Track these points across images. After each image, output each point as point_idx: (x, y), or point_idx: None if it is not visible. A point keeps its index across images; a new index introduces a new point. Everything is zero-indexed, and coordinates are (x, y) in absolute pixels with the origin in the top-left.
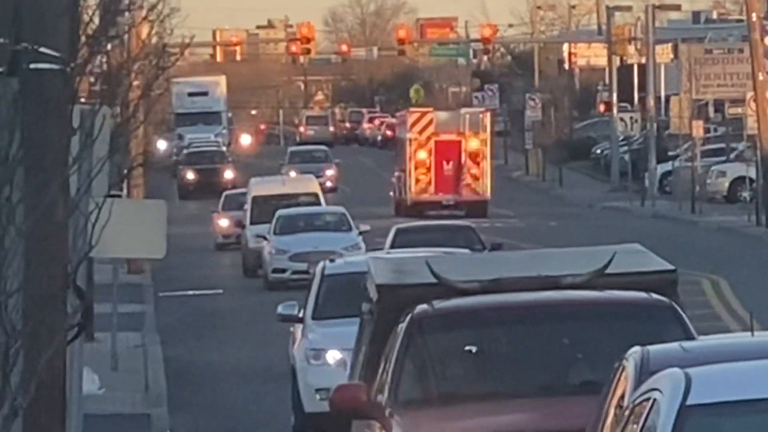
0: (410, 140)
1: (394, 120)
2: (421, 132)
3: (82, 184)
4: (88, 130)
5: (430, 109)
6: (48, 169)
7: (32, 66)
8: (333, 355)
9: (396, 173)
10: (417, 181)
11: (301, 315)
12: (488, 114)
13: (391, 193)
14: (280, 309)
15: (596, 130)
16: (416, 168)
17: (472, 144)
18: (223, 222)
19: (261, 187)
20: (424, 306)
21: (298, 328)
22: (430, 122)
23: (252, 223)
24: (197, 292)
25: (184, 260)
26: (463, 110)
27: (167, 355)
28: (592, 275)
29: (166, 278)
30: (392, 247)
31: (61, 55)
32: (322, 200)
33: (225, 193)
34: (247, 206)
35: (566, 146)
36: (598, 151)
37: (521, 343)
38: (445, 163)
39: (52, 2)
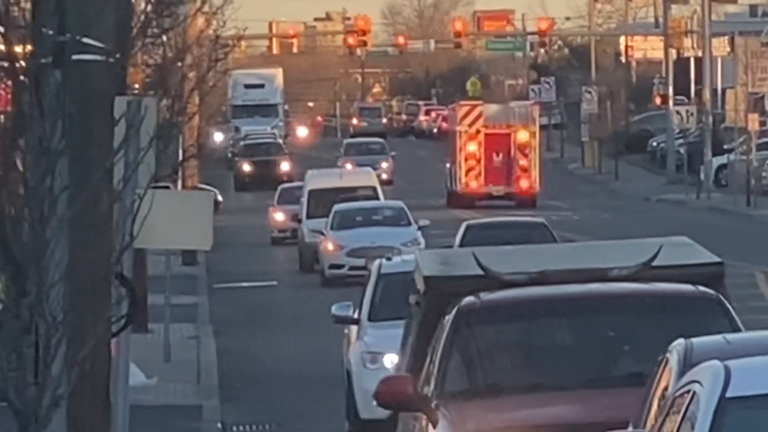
0: (460, 132)
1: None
2: (471, 124)
3: (126, 174)
4: (131, 121)
5: (480, 102)
6: (91, 160)
7: (76, 57)
8: (390, 359)
9: (447, 165)
10: (467, 172)
11: (356, 316)
12: (536, 107)
13: (445, 184)
14: (334, 310)
15: (652, 123)
16: (466, 160)
17: (521, 136)
18: (279, 216)
19: (318, 180)
20: (471, 298)
21: (354, 330)
22: (480, 115)
23: (308, 217)
24: (251, 284)
25: (239, 252)
26: (512, 103)
27: (220, 346)
28: (638, 268)
29: (220, 270)
30: (462, 245)
31: (105, 46)
32: (381, 194)
33: (281, 187)
34: (304, 200)
35: (622, 139)
36: (654, 144)
37: (567, 335)
38: (494, 154)
39: None
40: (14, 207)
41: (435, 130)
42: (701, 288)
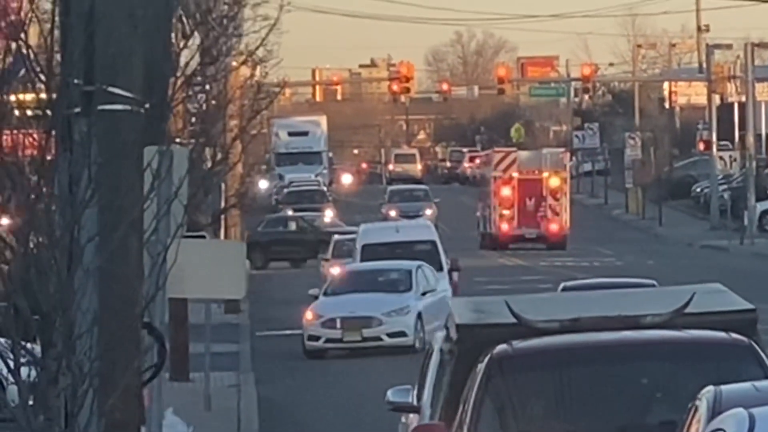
0: (495, 178)
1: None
2: (505, 170)
3: (154, 224)
4: (159, 170)
5: (514, 148)
6: (119, 209)
7: (103, 107)
8: None
9: (480, 208)
10: (501, 216)
11: (417, 403)
12: (567, 153)
13: (478, 228)
14: (390, 395)
15: (696, 169)
16: (501, 204)
17: (553, 181)
18: (335, 271)
19: (372, 234)
20: (504, 346)
21: (414, 419)
22: (514, 161)
23: None
24: (294, 332)
25: (283, 300)
26: (544, 150)
27: (262, 395)
28: (671, 315)
29: (264, 318)
30: None
31: (133, 95)
32: (441, 248)
33: (335, 239)
34: (356, 255)
35: (666, 185)
36: (698, 190)
37: (600, 383)
38: (527, 199)
39: (125, 42)
40: (41, 256)
41: (479, 177)
42: (734, 335)
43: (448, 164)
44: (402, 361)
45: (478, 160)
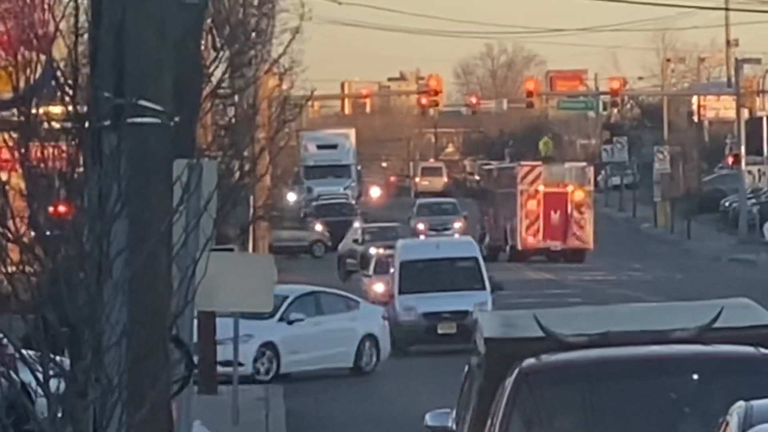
0: (521, 191)
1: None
2: (530, 184)
3: (183, 237)
4: (188, 183)
5: (539, 162)
6: (148, 222)
7: (132, 120)
8: None
9: (503, 222)
10: (527, 228)
11: (457, 428)
12: (591, 168)
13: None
14: (428, 419)
15: (725, 183)
16: (526, 217)
17: (577, 195)
18: (379, 287)
19: (411, 250)
20: (532, 360)
21: None
22: (539, 175)
23: (401, 292)
24: None
25: None
26: (568, 164)
27: (289, 408)
28: (699, 330)
29: None
30: None
31: (162, 108)
32: (483, 265)
33: (376, 254)
34: (395, 272)
35: (695, 199)
36: (727, 204)
37: (629, 398)
38: (552, 212)
39: (154, 55)
40: (70, 269)
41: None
42: (762, 350)
43: (477, 178)
44: (424, 371)
45: (494, 173)
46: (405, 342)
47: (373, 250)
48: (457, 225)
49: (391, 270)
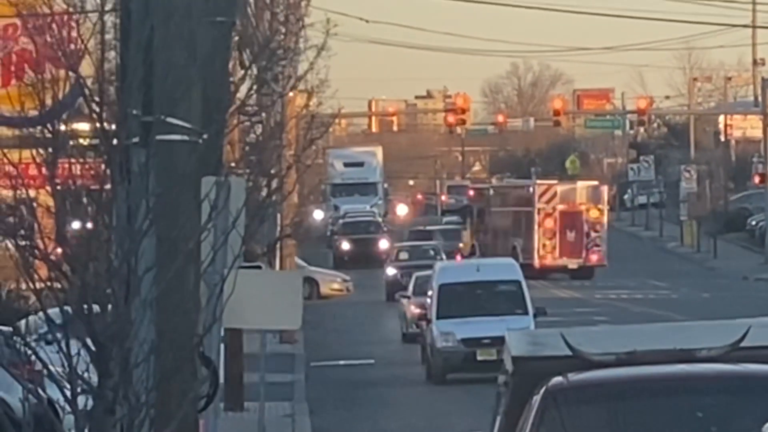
0: (538, 210)
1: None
2: (547, 202)
3: (211, 254)
4: (217, 200)
5: (555, 182)
6: (177, 239)
7: (161, 137)
8: None
9: (517, 240)
10: (544, 246)
11: None
12: (605, 187)
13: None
14: None
15: (751, 202)
16: (543, 235)
17: (592, 214)
18: (418, 309)
19: (450, 273)
20: (559, 378)
21: None
22: (556, 194)
23: (439, 317)
24: (349, 362)
25: (337, 331)
26: (581, 183)
27: (315, 425)
28: (726, 349)
29: (318, 348)
30: None
31: (191, 125)
32: (526, 289)
33: (415, 276)
34: (433, 296)
35: (721, 218)
36: (753, 223)
37: (656, 417)
38: (568, 231)
39: (183, 72)
40: (98, 286)
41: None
42: None
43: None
44: (454, 392)
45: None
46: (442, 369)
47: (417, 274)
48: None
49: (430, 292)
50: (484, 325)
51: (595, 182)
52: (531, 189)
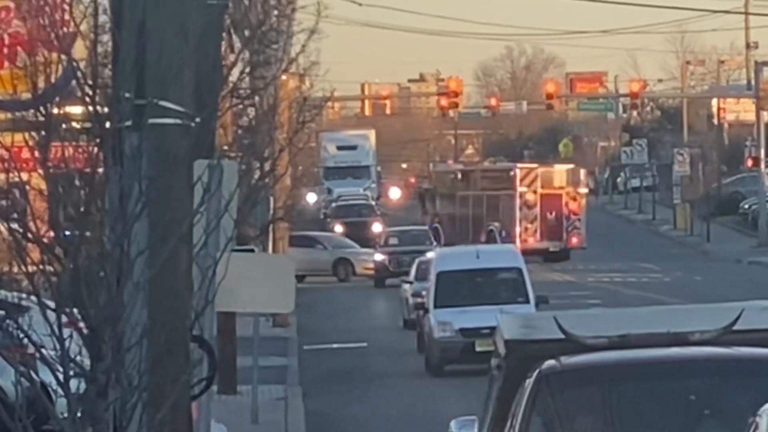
0: (521, 193)
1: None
2: (529, 186)
3: (204, 238)
4: (209, 183)
5: (536, 165)
6: (169, 223)
7: (153, 120)
8: None
9: (494, 224)
10: (526, 229)
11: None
12: (584, 170)
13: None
14: (453, 427)
15: (744, 185)
16: (525, 218)
17: (572, 197)
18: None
19: (449, 260)
20: (552, 361)
21: None
22: (537, 177)
23: (437, 306)
24: (342, 346)
25: (329, 314)
26: (559, 167)
27: (309, 408)
28: (719, 332)
29: (311, 331)
30: None
31: (184, 109)
32: (527, 277)
33: (418, 261)
34: (431, 285)
35: (714, 201)
36: (746, 206)
37: (649, 400)
38: (548, 214)
39: (176, 55)
40: (91, 270)
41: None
42: None
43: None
44: (451, 376)
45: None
46: (439, 360)
47: (419, 259)
48: None
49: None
50: (483, 314)
51: (570, 165)
52: (512, 172)
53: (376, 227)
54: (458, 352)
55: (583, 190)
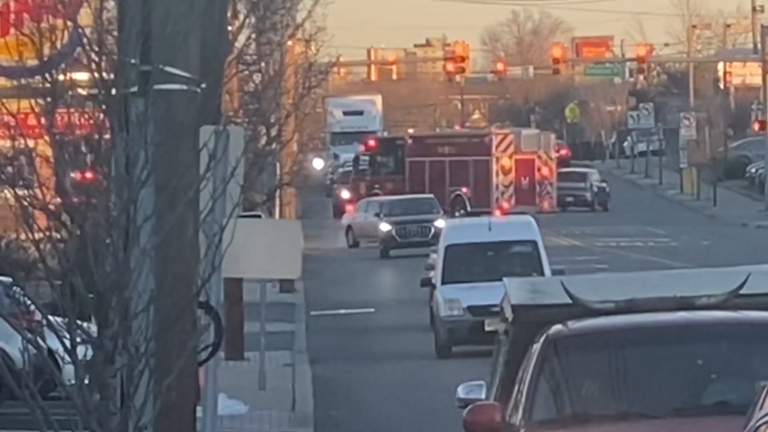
0: (497, 159)
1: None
2: (504, 151)
3: (210, 204)
4: (216, 150)
5: (509, 131)
6: (176, 189)
7: (159, 87)
8: None
9: (465, 189)
10: (502, 194)
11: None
12: (553, 135)
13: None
14: (460, 392)
15: (751, 149)
16: (501, 183)
17: (543, 162)
18: None
19: (458, 232)
20: (559, 326)
21: None
22: (511, 143)
23: (444, 282)
24: (349, 311)
25: (336, 279)
26: (524, 131)
27: (316, 374)
28: (726, 296)
29: (318, 297)
30: None
31: (189, 75)
32: (543, 251)
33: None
34: (439, 258)
35: (721, 165)
36: (753, 170)
37: (656, 364)
38: (522, 178)
39: (181, 21)
40: (97, 236)
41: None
42: None
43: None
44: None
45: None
46: (446, 341)
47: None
48: None
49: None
50: (494, 291)
51: (536, 131)
52: (487, 138)
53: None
54: (466, 332)
55: (554, 154)
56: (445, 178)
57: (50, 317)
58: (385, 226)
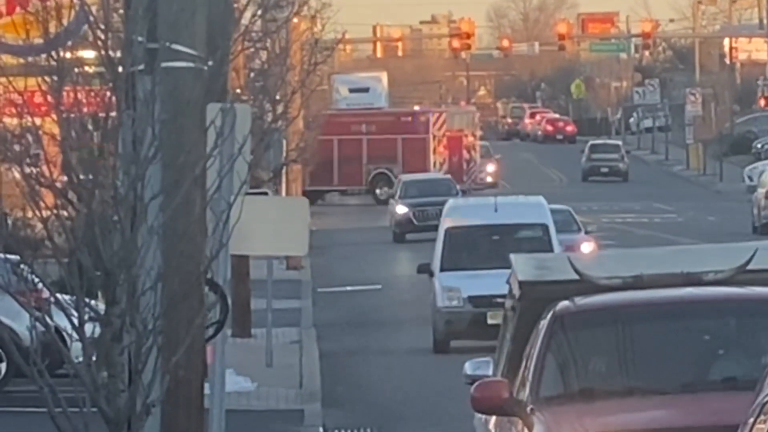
0: (434, 136)
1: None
2: (439, 129)
3: (218, 181)
4: (222, 127)
5: (442, 109)
6: (183, 167)
7: (166, 64)
8: None
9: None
10: (438, 171)
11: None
12: (477, 113)
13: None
14: (467, 368)
15: (757, 125)
16: (436, 161)
17: (468, 139)
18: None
19: (460, 213)
20: (566, 302)
21: None
22: (444, 121)
23: (443, 269)
24: (356, 288)
25: (344, 256)
26: (455, 108)
27: (323, 351)
28: (733, 272)
29: (325, 274)
30: None
31: (196, 52)
32: (554, 235)
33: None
34: (438, 243)
35: (727, 141)
36: (759, 146)
37: (663, 340)
38: (452, 156)
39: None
40: (105, 214)
41: (540, 133)
42: None
43: (509, 120)
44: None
45: (538, 116)
46: (444, 334)
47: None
48: (491, 168)
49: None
50: (498, 279)
51: (472, 108)
52: (423, 117)
53: None
54: (466, 325)
55: (477, 131)
56: (358, 156)
57: (58, 295)
58: (401, 209)
